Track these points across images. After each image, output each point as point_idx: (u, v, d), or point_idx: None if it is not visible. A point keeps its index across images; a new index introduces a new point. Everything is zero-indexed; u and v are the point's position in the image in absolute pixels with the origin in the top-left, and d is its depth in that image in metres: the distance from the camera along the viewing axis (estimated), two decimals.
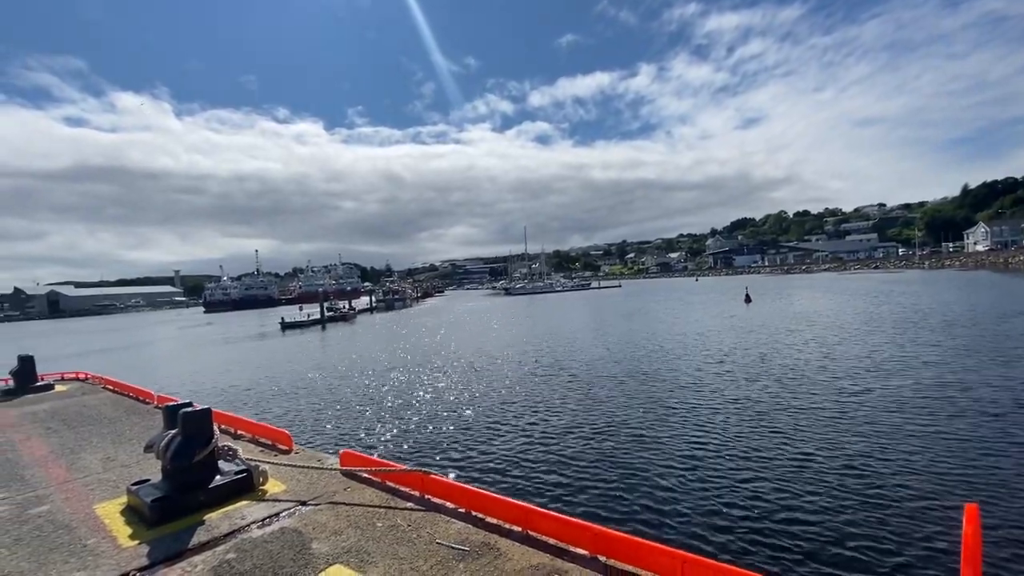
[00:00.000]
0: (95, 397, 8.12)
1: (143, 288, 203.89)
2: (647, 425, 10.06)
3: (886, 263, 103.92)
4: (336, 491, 3.79)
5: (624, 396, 12.55)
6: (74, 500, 3.84)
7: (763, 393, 11.90)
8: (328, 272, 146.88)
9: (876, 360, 14.65)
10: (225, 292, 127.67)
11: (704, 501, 6.67)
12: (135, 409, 7.03)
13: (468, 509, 3.36)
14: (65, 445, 5.38)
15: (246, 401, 14.63)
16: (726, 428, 9.56)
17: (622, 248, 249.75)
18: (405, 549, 2.89)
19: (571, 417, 11.01)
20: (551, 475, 7.89)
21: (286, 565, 2.76)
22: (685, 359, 17.19)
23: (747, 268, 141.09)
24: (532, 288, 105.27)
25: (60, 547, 3.09)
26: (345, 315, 57.55)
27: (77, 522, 3.43)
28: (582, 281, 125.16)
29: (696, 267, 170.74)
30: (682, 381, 13.80)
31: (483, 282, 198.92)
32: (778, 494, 6.70)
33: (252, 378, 19.51)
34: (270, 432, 5.17)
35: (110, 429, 5.97)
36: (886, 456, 7.71)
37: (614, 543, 2.75)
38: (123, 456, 4.89)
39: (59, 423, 6.40)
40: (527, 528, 3.07)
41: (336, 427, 11.57)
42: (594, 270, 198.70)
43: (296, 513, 3.43)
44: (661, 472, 7.71)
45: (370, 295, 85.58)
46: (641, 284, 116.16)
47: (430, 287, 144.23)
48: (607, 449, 8.85)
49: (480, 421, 11.18)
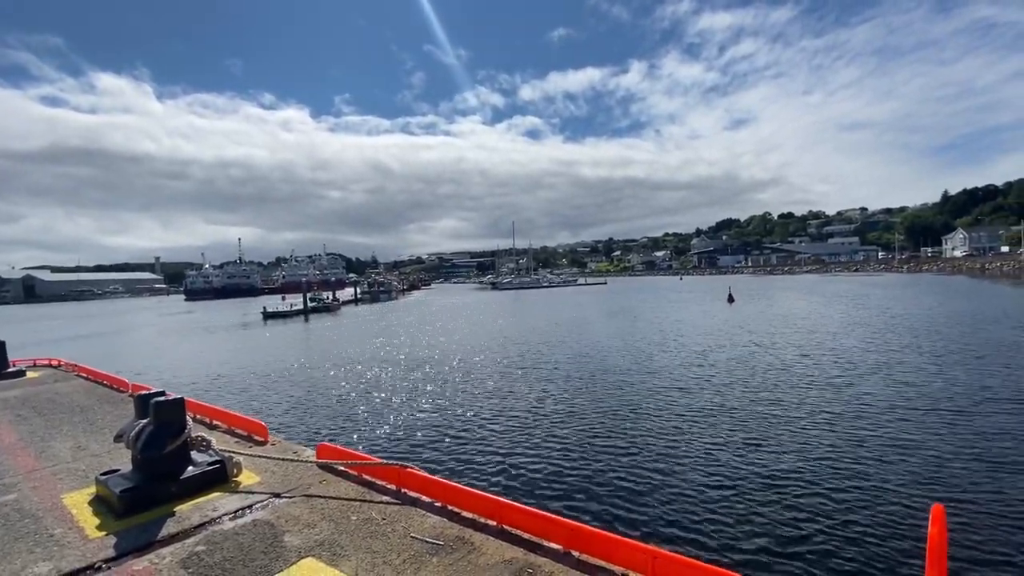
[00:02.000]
0: (68, 384, 7.93)
1: (122, 274, 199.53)
2: (624, 422, 10.17)
3: (866, 266, 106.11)
4: (311, 484, 3.76)
5: (603, 393, 12.65)
6: (42, 489, 3.75)
7: (739, 393, 12.09)
8: (312, 262, 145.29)
9: (851, 363, 14.97)
10: (207, 280, 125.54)
11: (676, 498, 6.77)
12: (109, 397, 6.89)
13: (444, 503, 3.36)
14: (35, 433, 5.26)
15: (223, 391, 14.43)
16: (700, 427, 9.70)
17: (609, 246, 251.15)
18: (379, 543, 2.88)
19: (550, 412, 11.07)
20: (527, 469, 7.94)
21: (257, 558, 2.73)
22: (666, 357, 17.38)
23: (731, 268, 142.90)
24: (519, 283, 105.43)
25: (25, 536, 3.02)
26: (329, 306, 57.06)
27: (44, 512, 3.36)
28: (569, 277, 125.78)
29: (681, 266, 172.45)
30: (662, 379, 13.96)
31: (470, 276, 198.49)
32: (746, 493, 6.83)
33: (231, 368, 19.25)
34: (245, 423, 5.11)
35: (82, 417, 5.85)
36: (854, 456, 7.90)
37: (587, 538, 2.77)
38: (94, 445, 4.79)
39: (29, 410, 6.24)
40: (502, 522, 3.08)
41: (314, 419, 11.49)
42: (581, 267, 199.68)
43: (270, 505, 3.39)
44: (635, 469, 7.80)
45: (355, 287, 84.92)
46: (627, 282, 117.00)
47: (417, 280, 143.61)
48: (583, 445, 8.93)
49: (459, 415, 11.19)
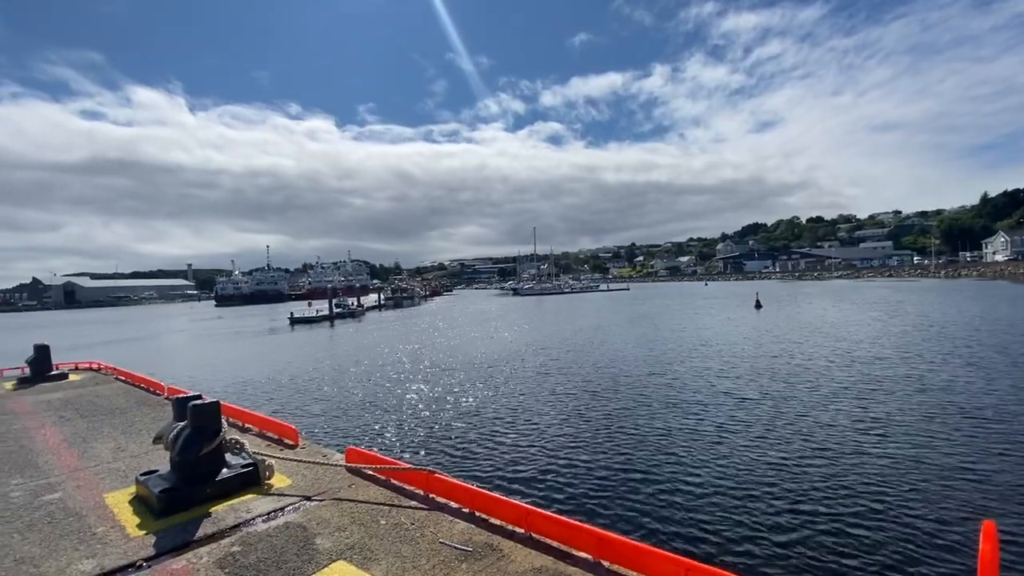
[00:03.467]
0: (107, 387, 8.24)
1: (156, 281, 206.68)
2: (652, 430, 10.01)
3: (900, 271, 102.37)
4: (341, 487, 3.81)
5: (630, 400, 12.49)
6: (85, 488, 3.89)
7: (773, 402, 11.79)
8: (338, 269, 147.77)
9: (887, 372, 14.45)
10: (236, 286, 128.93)
11: (708, 509, 6.62)
12: (146, 400, 7.12)
13: (472, 509, 3.36)
14: (77, 434, 5.47)
15: (254, 395, 14.76)
16: (733, 436, 9.48)
17: (631, 251, 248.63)
18: (408, 548, 2.90)
19: (576, 419, 10.97)
20: (554, 476, 7.87)
21: (290, 560, 2.78)
22: (693, 365, 17.08)
23: (758, 273, 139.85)
24: (540, 289, 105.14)
25: (70, 534, 3.14)
26: (353, 312, 57.93)
27: (87, 510, 3.48)
28: (591, 283, 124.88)
29: (706, 271, 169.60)
30: (690, 387, 13.71)
31: (492, 282, 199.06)
32: (786, 505, 6.63)
33: (260, 372, 19.69)
34: (277, 427, 5.21)
35: (121, 419, 6.06)
36: (896, 471, 7.60)
37: (617, 548, 2.73)
38: (133, 446, 4.96)
39: (72, 412, 6.50)
40: (530, 530, 3.07)
41: (342, 423, 11.64)
42: (603, 272, 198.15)
43: (301, 508, 3.45)
44: (664, 478, 7.66)
45: (379, 292, 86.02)
46: (650, 287, 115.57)
47: (438, 286, 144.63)
48: (610, 452, 8.81)
49: (485, 421, 11.19)
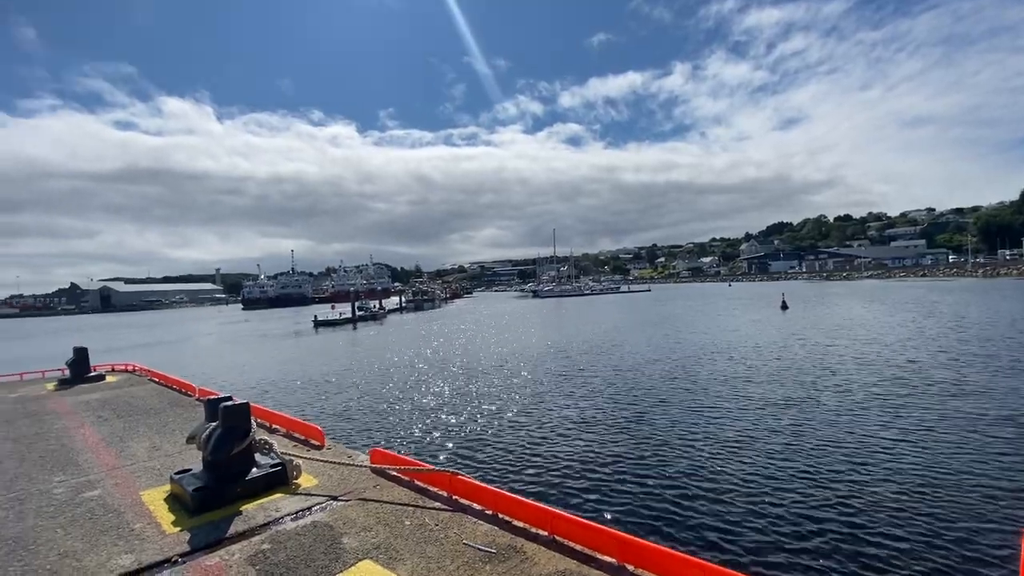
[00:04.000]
0: (142, 388, 8.53)
1: (186, 285, 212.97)
2: (674, 433, 9.88)
3: (935, 271, 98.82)
4: (366, 488, 3.86)
5: (652, 403, 12.36)
6: (122, 486, 4.04)
7: (800, 407, 11.52)
8: (360, 272, 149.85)
9: (925, 375, 13.98)
10: (262, 290, 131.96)
11: (733, 515, 6.51)
12: (178, 401, 7.35)
13: (495, 511, 3.37)
14: (115, 433, 5.68)
15: (280, 396, 15.08)
16: (759, 442, 9.30)
17: (652, 252, 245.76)
18: (433, 548, 2.93)
19: (597, 422, 10.91)
20: (575, 479, 7.84)
21: (318, 558, 2.83)
22: (717, 367, 16.80)
23: (784, 274, 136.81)
24: (560, 291, 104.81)
25: (110, 530, 3.26)
26: (375, 314, 58.66)
27: (125, 507, 3.62)
28: (611, 284, 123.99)
29: (729, 272, 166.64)
30: (713, 390, 13.49)
31: (511, 284, 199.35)
32: (815, 514, 6.47)
33: (286, 374, 20.10)
34: (303, 427, 5.32)
35: (155, 419, 6.26)
36: (936, 480, 7.34)
37: (641, 552, 2.71)
38: (167, 446, 5.12)
39: (109, 412, 6.75)
40: (553, 533, 3.07)
41: (365, 424, 11.80)
42: (623, 274, 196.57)
43: (327, 508, 3.52)
44: (687, 482, 7.55)
45: (400, 295, 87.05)
46: (672, 289, 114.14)
47: (459, 288, 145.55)
48: (631, 456, 8.73)
49: (506, 423, 11.21)
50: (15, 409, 7.26)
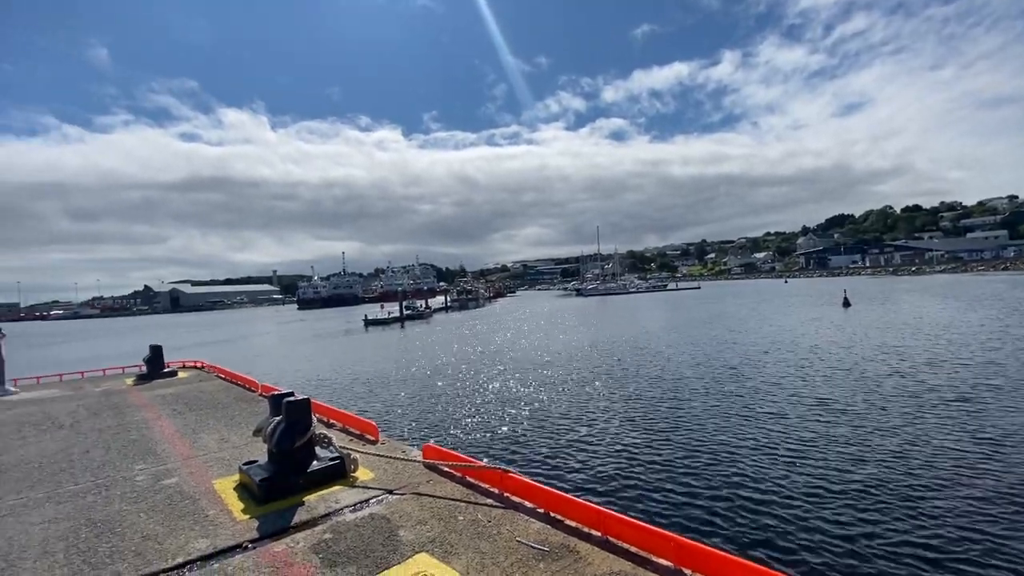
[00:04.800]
0: (210, 384, 9.09)
1: (246, 286, 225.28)
2: (728, 436, 9.54)
3: (1019, 263, 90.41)
4: (420, 482, 3.95)
5: (703, 404, 11.98)
6: (196, 475, 4.32)
7: (864, 412, 10.85)
8: (407, 272, 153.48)
9: (1006, 378, 12.85)
10: (316, 291, 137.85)
11: (792, 522, 6.21)
12: (243, 396, 7.78)
13: (546, 510, 3.37)
14: (188, 425, 6.08)
15: (334, 392, 15.68)
16: (819, 448, 8.82)
17: (701, 248, 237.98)
18: (486, 544, 2.96)
19: (646, 423, 10.69)
20: (625, 480, 7.71)
21: (376, 549, 2.92)
22: (773, 368, 16.09)
23: (845, 269, 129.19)
24: (605, 289, 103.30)
25: (186, 515, 3.50)
26: (422, 314, 59.99)
27: (199, 494, 3.87)
28: (658, 282, 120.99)
29: (785, 268, 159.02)
30: (769, 392, 12.93)
31: (554, 283, 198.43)
32: (879, 526, 6.08)
33: (339, 371, 20.88)
34: (359, 423, 5.51)
35: (223, 413, 6.66)
36: (1007, 492, 6.74)
37: (701, 557, 2.63)
38: (234, 438, 5.43)
39: (182, 405, 7.23)
40: (606, 533, 3.03)
41: (416, 420, 12.08)
42: (671, 271, 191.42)
43: (384, 501, 3.62)
44: (744, 488, 7.27)
45: (445, 295, 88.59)
46: (723, 286, 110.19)
47: (502, 287, 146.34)
48: (685, 459, 8.50)
49: (554, 421, 11.17)
50: (100, 402, 7.91)
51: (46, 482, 4.32)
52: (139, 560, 2.91)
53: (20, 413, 7.26)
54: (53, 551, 3.07)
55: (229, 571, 2.76)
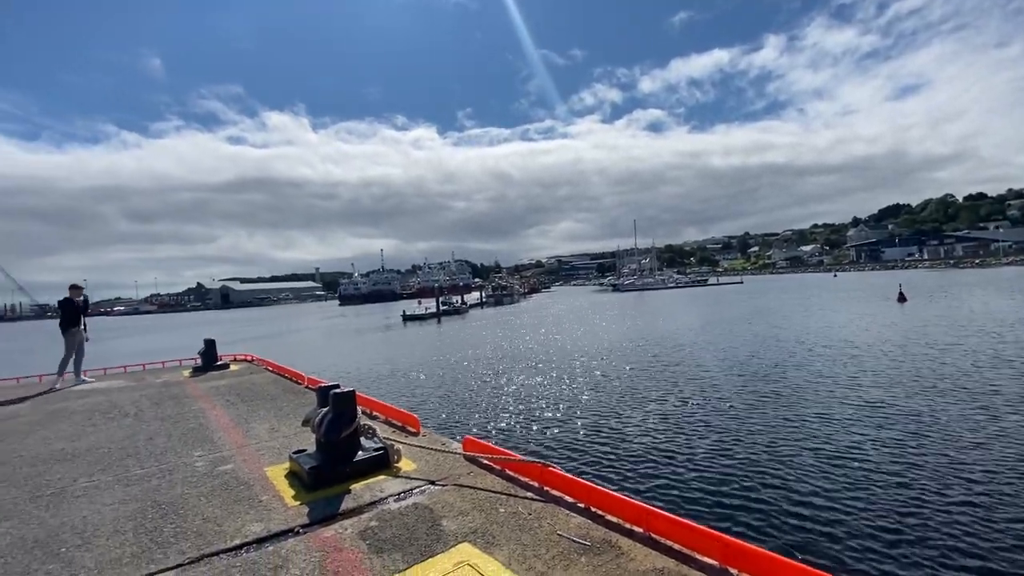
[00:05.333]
0: (260, 376, 9.50)
1: (290, 283, 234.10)
2: (772, 437, 9.23)
3: None
4: (460, 474, 4.01)
5: (748, 403, 11.63)
6: (250, 462, 4.53)
7: (919, 415, 10.28)
8: (442, 269, 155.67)
9: None
10: (356, 287, 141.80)
11: (840, 524, 5.96)
12: (291, 388, 8.10)
13: (587, 504, 3.36)
14: (240, 415, 6.38)
15: (375, 385, 16.11)
16: (871, 452, 8.43)
17: (744, 241, 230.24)
18: (528, 536, 2.98)
19: (687, 420, 10.47)
20: (669, 478, 7.59)
21: (420, 538, 2.99)
22: (820, 366, 15.44)
23: (900, 262, 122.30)
24: (642, 284, 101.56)
25: (242, 500, 3.68)
26: (458, 309, 60.71)
27: (253, 480, 4.06)
28: (698, 277, 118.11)
29: (834, 261, 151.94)
30: (817, 391, 12.43)
31: (590, 278, 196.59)
32: (930, 529, 5.76)
33: (379, 364, 21.42)
34: (400, 415, 5.64)
35: (272, 404, 6.95)
36: None
37: (748, 556, 2.57)
38: (284, 428, 5.67)
39: (235, 397, 7.60)
40: (649, 530, 2.99)
41: (454, 413, 12.27)
42: (711, 265, 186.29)
43: (426, 491, 3.70)
44: (789, 489, 7.02)
45: (480, 291, 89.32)
46: (767, 280, 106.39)
47: (536, 283, 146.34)
48: (728, 458, 8.28)
49: (592, 417, 11.11)
50: (160, 392, 8.40)
51: (115, 466, 4.63)
52: (200, 540, 3.08)
53: (90, 402, 7.81)
54: (123, 530, 3.29)
55: (283, 553, 2.89)
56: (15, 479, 4.42)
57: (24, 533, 3.33)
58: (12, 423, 6.65)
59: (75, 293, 9.92)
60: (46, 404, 7.88)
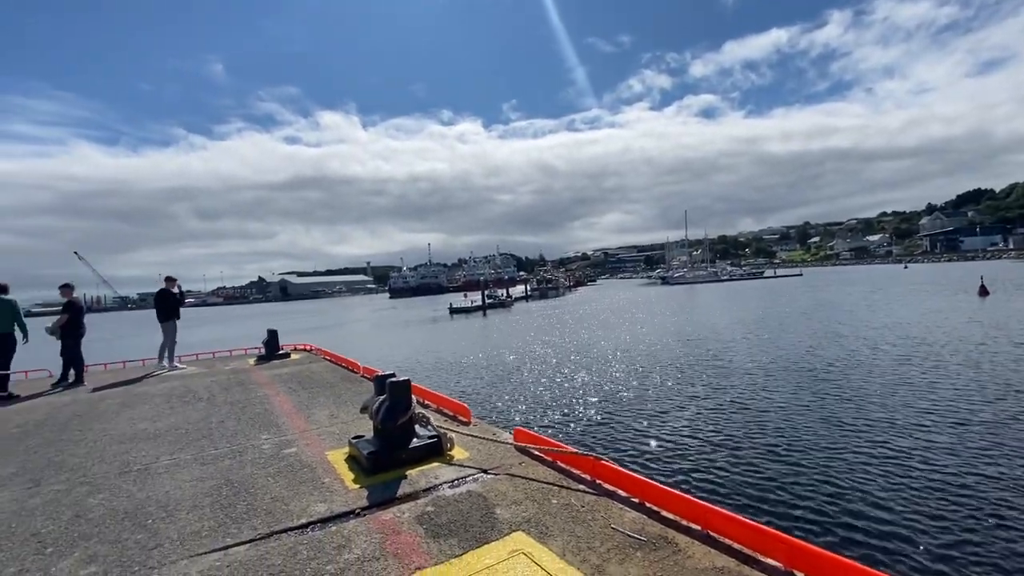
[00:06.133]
0: (318, 365, 9.94)
1: (343, 277, 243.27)
2: (837, 437, 8.75)
3: None
4: (512, 464, 4.05)
5: (807, 403, 11.07)
6: (312, 446, 4.76)
7: (1004, 418, 9.44)
8: (488, 262, 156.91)
9: None
10: (405, 280, 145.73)
11: (921, 534, 5.58)
12: (347, 377, 8.43)
13: (642, 499, 3.31)
14: (302, 402, 6.71)
15: (424, 375, 16.51)
16: (942, 455, 7.82)
17: (804, 231, 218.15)
18: (581, 529, 2.97)
19: (743, 418, 10.10)
20: (723, 477, 7.36)
21: (475, 524, 3.05)
22: (888, 363, 14.47)
23: (981, 252, 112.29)
24: (693, 277, 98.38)
25: (306, 482, 3.87)
26: (503, 302, 61.14)
27: (315, 463, 4.26)
28: (753, 269, 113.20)
29: (904, 252, 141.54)
30: (884, 390, 11.66)
31: (637, 271, 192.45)
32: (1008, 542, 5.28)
33: (429, 355, 21.92)
34: (452, 404, 5.75)
35: (331, 392, 7.26)
36: None
37: (816, 560, 2.45)
38: (342, 414, 5.91)
39: (296, 384, 7.99)
40: (707, 528, 2.91)
41: (502, 404, 12.39)
42: (768, 256, 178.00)
43: (479, 480, 3.76)
44: (856, 494, 6.64)
45: (525, 284, 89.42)
46: (829, 272, 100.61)
47: (582, 276, 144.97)
48: (791, 459, 7.92)
49: (644, 412, 10.92)
50: (229, 379, 8.95)
51: (192, 446, 4.98)
52: (270, 518, 3.27)
53: (168, 387, 8.44)
54: (201, 505, 3.54)
55: (345, 534, 3.01)
56: (106, 455, 4.84)
57: (115, 505, 3.65)
58: (103, 405, 7.29)
59: (170, 284, 10.50)
60: (131, 388, 8.58)
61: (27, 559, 2.94)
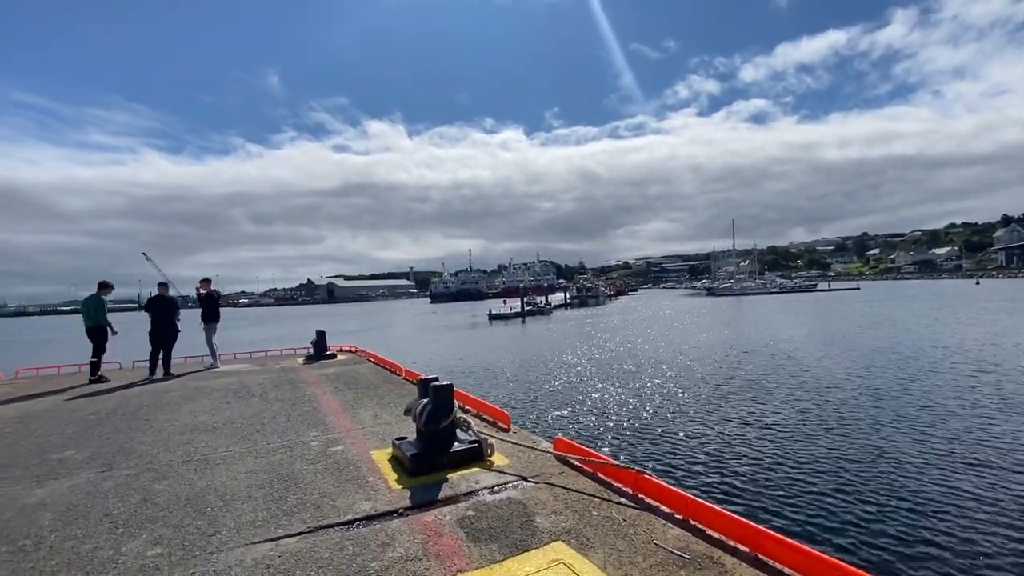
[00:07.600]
0: (363, 367, 10.23)
1: (387, 281, 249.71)
2: (896, 463, 8.21)
3: None
4: (552, 473, 4.04)
5: (863, 425, 10.47)
6: (357, 445, 4.91)
7: None
8: (527, 269, 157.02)
9: None
10: (446, 286, 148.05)
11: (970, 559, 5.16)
12: (390, 379, 8.64)
13: (686, 517, 3.22)
14: (347, 402, 6.92)
15: (462, 380, 16.68)
16: (1006, 485, 7.20)
17: (861, 242, 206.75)
18: (623, 543, 2.92)
19: (794, 437, 9.65)
20: (771, 498, 7.05)
21: (515, 531, 3.05)
22: (953, 386, 13.48)
23: None
24: (740, 288, 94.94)
25: (351, 479, 3.99)
26: (542, 309, 60.97)
27: (361, 462, 4.39)
28: (805, 282, 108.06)
29: (976, 266, 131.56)
30: (948, 414, 10.87)
31: (681, 281, 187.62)
32: None
33: (467, 360, 22.12)
34: (491, 410, 5.79)
35: (375, 393, 7.46)
36: None
37: None
38: (386, 415, 6.06)
39: (343, 384, 8.26)
40: (756, 550, 2.81)
41: (540, 412, 12.34)
42: (822, 269, 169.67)
43: (519, 487, 3.77)
44: (918, 518, 6.20)
45: (564, 292, 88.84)
46: (889, 287, 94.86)
47: (623, 285, 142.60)
48: (842, 479, 7.51)
49: (686, 427, 10.63)
50: (280, 377, 9.36)
51: (246, 440, 5.24)
52: (318, 512, 3.39)
53: (224, 383, 8.91)
54: (255, 496, 3.72)
55: (389, 532, 3.09)
56: (170, 444, 5.16)
57: (178, 491, 3.89)
58: (167, 396, 7.78)
59: (205, 286, 11.15)
60: (191, 382, 9.12)
61: (100, 537, 3.17)
